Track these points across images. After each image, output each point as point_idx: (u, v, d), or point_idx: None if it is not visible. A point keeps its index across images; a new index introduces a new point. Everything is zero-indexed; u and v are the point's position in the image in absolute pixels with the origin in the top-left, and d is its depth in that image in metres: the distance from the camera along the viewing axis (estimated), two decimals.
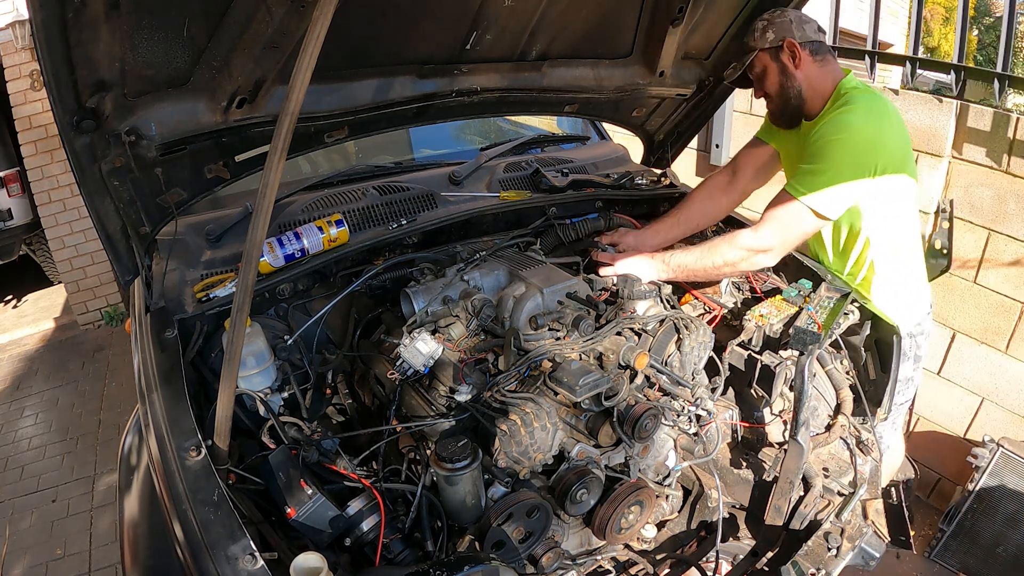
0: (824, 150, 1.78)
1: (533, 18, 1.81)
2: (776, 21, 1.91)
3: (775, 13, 1.93)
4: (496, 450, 1.40)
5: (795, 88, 1.92)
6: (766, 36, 1.91)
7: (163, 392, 1.39)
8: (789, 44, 1.89)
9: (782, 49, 1.90)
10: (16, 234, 5.59)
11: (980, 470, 2.61)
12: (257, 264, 1.22)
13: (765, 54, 1.93)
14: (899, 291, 2.03)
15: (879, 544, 1.63)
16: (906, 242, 2.01)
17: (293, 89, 0.99)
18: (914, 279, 2.10)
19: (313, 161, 2.71)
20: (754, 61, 1.95)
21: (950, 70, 2.85)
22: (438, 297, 1.76)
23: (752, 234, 1.86)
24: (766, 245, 1.85)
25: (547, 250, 2.12)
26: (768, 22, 1.92)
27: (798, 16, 1.93)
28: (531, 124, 3.42)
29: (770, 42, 1.90)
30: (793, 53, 1.89)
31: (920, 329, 2.08)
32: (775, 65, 1.93)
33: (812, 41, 1.91)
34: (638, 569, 1.64)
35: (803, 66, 1.90)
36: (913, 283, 2.10)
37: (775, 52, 1.92)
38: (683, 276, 1.95)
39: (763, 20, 1.93)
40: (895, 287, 2.01)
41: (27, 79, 4.87)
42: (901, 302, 2.02)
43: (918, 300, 2.11)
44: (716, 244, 1.90)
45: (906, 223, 1.99)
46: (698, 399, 1.63)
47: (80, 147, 1.37)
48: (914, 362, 2.09)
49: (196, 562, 1.11)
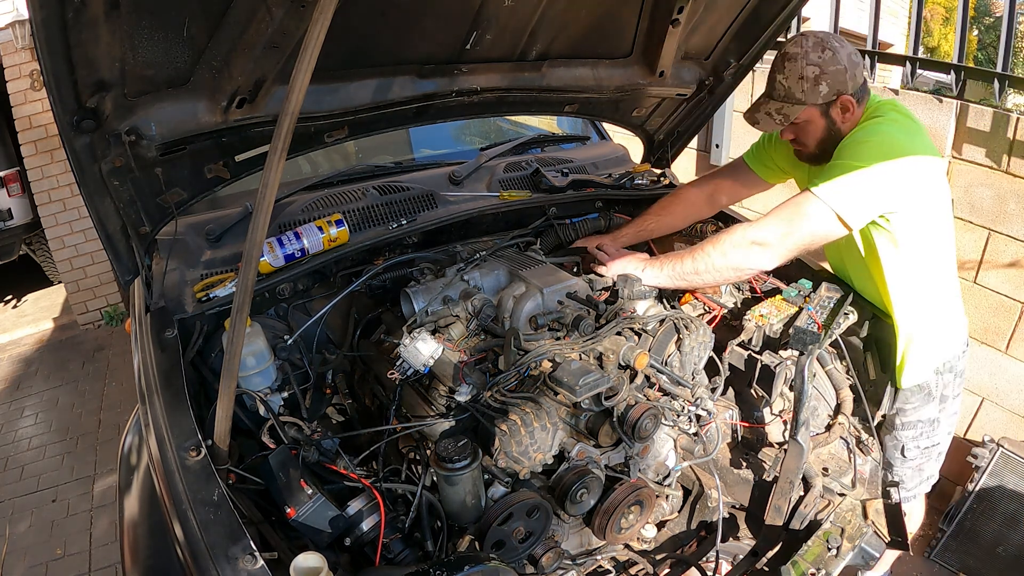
0: (849, 149, 1.61)
1: (533, 18, 1.81)
2: (830, 71, 1.64)
3: (826, 57, 1.64)
4: (496, 450, 1.40)
5: (838, 137, 1.72)
6: (818, 90, 1.66)
7: (163, 392, 1.39)
8: (844, 102, 1.67)
9: (834, 104, 1.68)
10: (16, 234, 5.59)
11: (980, 470, 2.61)
12: (257, 264, 1.22)
13: (813, 108, 1.69)
14: (931, 323, 1.81)
15: (879, 544, 1.63)
16: (940, 265, 1.80)
17: (293, 89, 0.99)
18: (948, 310, 1.87)
19: (313, 161, 2.71)
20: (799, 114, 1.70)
21: (950, 70, 2.85)
22: (438, 297, 1.76)
23: (752, 226, 1.68)
24: (763, 238, 1.65)
25: (547, 250, 2.12)
26: (820, 71, 1.64)
27: (849, 57, 1.65)
28: (531, 124, 3.42)
29: (823, 97, 1.67)
30: (846, 107, 1.68)
31: (949, 367, 1.88)
32: (823, 120, 1.71)
33: (861, 86, 1.69)
34: (638, 569, 1.64)
35: (851, 119, 1.71)
36: (947, 315, 1.87)
37: (825, 107, 1.69)
38: (682, 281, 1.82)
39: (813, 67, 1.64)
40: (927, 318, 1.80)
41: (27, 79, 4.87)
42: (932, 335, 1.82)
43: (951, 335, 1.89)
44: (714, 242, 1.74)
45: (940, 244, 1.78)
46: (698, 399, 1.63)
47: (80, 147, 1.37)
48: (939, 403, 1.89)
49: (196, 562, 1.11)
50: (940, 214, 1.73)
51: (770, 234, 1.66)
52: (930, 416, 1.91)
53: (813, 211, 1.61)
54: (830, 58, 1.65)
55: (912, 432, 1.93)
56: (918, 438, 1.94)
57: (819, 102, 1.68)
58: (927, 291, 1.79)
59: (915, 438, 1.94)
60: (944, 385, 1.90)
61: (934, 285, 1.80)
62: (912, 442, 1.94)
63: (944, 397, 1.92)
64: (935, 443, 1.97)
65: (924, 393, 1.88)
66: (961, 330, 1.94)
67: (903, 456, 1.96)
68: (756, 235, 1.67)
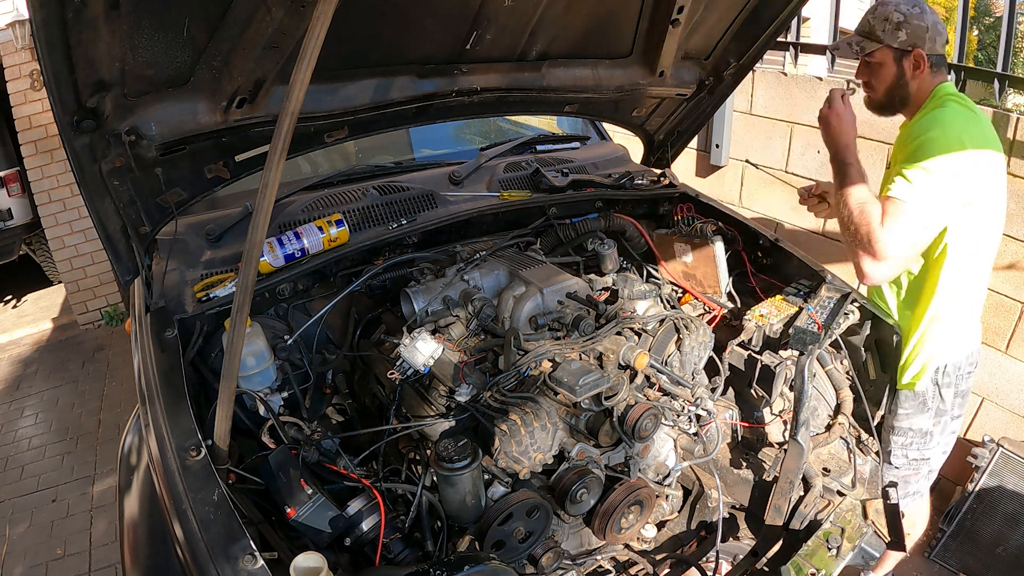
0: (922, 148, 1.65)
1: (533, 18, 1.81)
2: (913, 23, 1.74)
3: (914, 11, 1.74)
4: (496, 450, 1.41)
5: (904, 92, 1.81)
6: (898, 35, 1.75)
7: (163, 392, 1.39)
8: (918, 55, 1.75)
9: (908, 55, 1.76)
10: (16, 234, 5.59)
11: (980, 470, 2.61)
12: (257, 264, 1.22)
13: (888, 51, 1.78)
14: (949, 318, 1.82)
15: (879, 544, 1.63)
16: (982, 261, 1.82)
17: (293, 89, 0.99)
18: (969, 310, 1.88)
19: (313, 161, 2.71)
20: (875, 52, 1.80)
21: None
22: (438, 297, 1.76)
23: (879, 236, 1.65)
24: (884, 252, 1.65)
25: (547, 250, 2.12)
26: (904, 19, 1.74)
27: (935, 24, 1.76)
28: (531, 124, 3.42)
29: (899, 43, 1.75)
30: (918, 63, 1.76)
31: (948, 382, 1.88)
32: (895, 67, 1.79)
33: (938, 55, 1.78)
34: (638, 569, 1.64)
35: (921, 78, 1.78)
36: (966, 315, 1.87)
37: (900, 54, 1.77)
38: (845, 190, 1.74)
39: (899, 13, 1.74)
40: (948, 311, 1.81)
41: (27, 79, 4.87)
42: (944, 332, 1.83)
43: (961, 337, 1.89)
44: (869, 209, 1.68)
45: (990, 240, 1.82)
46: (698, 399, 1.63)
47: (80, 147, 1.37)
48: (935, 415, 1.91)
49: (196, 562, 1.11)
50: (998, 210, 1.78)
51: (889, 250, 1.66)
52: (921, 427, 1.91)
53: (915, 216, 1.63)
54: (917, 13, 1.75)
55: (901, 439, 1.93)
56: (907, 447, 1.93)
57: (895, 45, 1.76)
58: (962, 290, 1.81)
59: (904, 446, 1.93)
60: (942, 399, 1.89)
61: (972, 279, 1.82)
62: (900, 450, 1.94)
63: (940, 411, 1.91)
64: (925, 457, 1.97)
65: (918, 401, 1.88)
66: (973, 338, 1.93)
67: (888, 463, 1.95)
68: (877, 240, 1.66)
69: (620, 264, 2.07)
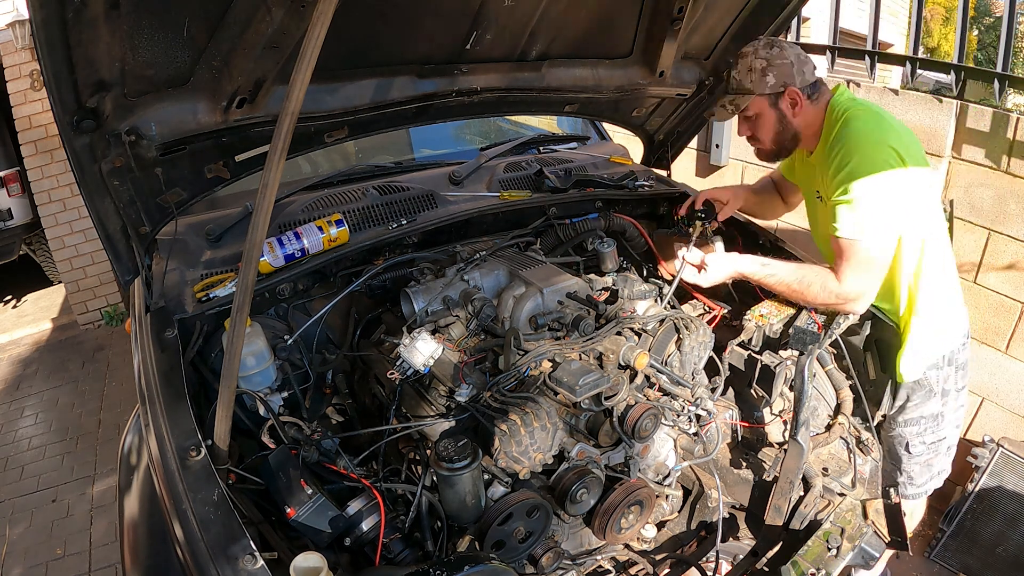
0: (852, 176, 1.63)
1: (533, 18, 1.81)
2: (776, 63, 1.73)
3: (773, 52, 1.75)
4: (496, 450, 1.41)
5: (791, 132, 1.81)
6: (765, 80, 1.74)
7: (163, 392, 1.39)
8: (791, 93, 1.74)
9: (782, 95, 1.75)
10: (16, 234, 5.59)
11: (980, 470, 2.61)
12: (257, 264, 1.22)
13: (763, 99, 1.77)
14: (932, 314, 1.82)
15: (879, 544, 1.63)
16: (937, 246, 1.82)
17: (293, 89, 0.99)
18: (948, 300, 1.88)
19: (313, 161, 2.71)
20: (749, 104, 1.79)
21: (950, 70, 2.85)
22: (438, 297, 1.76)
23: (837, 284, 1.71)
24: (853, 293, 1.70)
25: (547, 250, 2.12)
26: (767, 63, 1.74)
27: (797, 56, 1.76)
28: (531, 124, 3.42)
29: (770, 87, 1.75)
30: (794, 101, 1.75)
31: (948, 360, 1.88)
32: (772, 113, 1.79)
33: (811, 83, 1.77)
34: (638, 569, 1.64)
35: (803, 112, 1.77)
36: (947, 306, 1.88)
37: (775, 98, 1.76)
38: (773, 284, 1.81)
39: (760, 59, 1.74)
40: (929, 309, 1.81)
41: (27, 79, 4.87)
42: (932, 328, 1.82)
43: (951, 327, 1.90)
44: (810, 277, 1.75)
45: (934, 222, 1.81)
46: (698, 399, 1.63)
47: (80, 147, 1.37)
48: (942, 397, 1.91)
49: (196, 562, 1.11)
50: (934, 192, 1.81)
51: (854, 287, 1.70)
52: (932, 411, 1.92)
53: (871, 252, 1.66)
54: (777, 53, 1.75)
55: (915, 428, 1.93)
56: (922, 434, 1.94)
57: (766, 92, 1.76)
58: (929, 283, 1.81)
59: (919, 434, 1.94)
60: (944, 379, 1.90)
61: (938, 267, 1.83)
62: (916, 438, 1.94)
63: (946, 391, 1.92)
64: (941, 437, 1.97)
65: (925, 390, 1.88)
66: (961, 322, 1.94)
67: (908, 452, 1.96)
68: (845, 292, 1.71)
69: (620, 264, 2.07)
